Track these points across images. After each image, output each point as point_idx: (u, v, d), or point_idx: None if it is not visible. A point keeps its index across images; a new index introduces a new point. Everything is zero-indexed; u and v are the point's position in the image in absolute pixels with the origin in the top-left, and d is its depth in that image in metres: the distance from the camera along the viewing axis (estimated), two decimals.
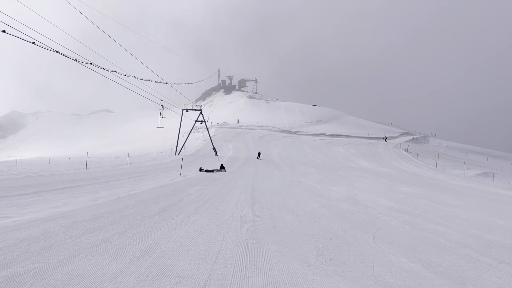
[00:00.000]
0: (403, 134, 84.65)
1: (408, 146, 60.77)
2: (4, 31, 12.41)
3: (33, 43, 13.62)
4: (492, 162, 54.83)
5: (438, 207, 12.47)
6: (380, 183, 21.40)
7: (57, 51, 14.75)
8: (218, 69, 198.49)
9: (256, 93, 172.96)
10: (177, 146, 52.99)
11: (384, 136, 75.37)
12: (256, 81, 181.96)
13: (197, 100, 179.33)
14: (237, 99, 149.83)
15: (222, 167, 26.48)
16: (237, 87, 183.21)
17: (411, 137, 77.23)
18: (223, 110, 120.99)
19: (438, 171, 37.37)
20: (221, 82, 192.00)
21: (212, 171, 24.78)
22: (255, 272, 4.94)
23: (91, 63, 16.72)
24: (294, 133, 79.83)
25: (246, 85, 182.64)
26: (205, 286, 4.39)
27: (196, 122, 57.53)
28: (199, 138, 66.77)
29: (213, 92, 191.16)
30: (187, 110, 54.00)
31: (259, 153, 46.55)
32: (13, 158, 33.79)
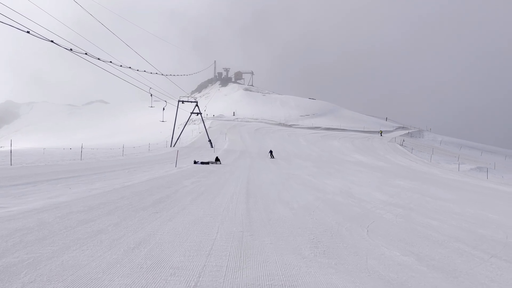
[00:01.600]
0: (398, 128, 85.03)
1: (403, 140, 61.03)
2: None
3: (28, 32, 13.45)
4: (486, 157, 55.23)
5: (432, 201, 12.57)
6: (375, 177, 21.51)
7: (51, 41, 14.57)
8: (215, 61, 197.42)
9: (252, 85, 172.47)
10: (172, 138, 52.87)
11: (379, 130, 75.54)
12: (252, 73, 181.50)
13: (193, 92, 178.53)
14: (233, 91, 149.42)
15: (217, 159, 26.47)
16: (233, 80, 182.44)
17: (406, 131, 77.60)
18: (219, 102, 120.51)
19: (433, 165, 37.60)
20: (217, 74, 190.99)
21: (207, 163, 24.77)
22: (249, 264, 4.96)
23: (86, 53, 16.55)
24: (290, 126, 79.87)
25: (243, 77, 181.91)
26: (200, 277, 4.40)
27: (192, 114, 57.32)
28: (194, 130, 66.61)
29: (209, 84, 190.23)
30: (183, 102, 53.73)
31: (271, 152, 37.61)
32: (7, 148, 33.59)
